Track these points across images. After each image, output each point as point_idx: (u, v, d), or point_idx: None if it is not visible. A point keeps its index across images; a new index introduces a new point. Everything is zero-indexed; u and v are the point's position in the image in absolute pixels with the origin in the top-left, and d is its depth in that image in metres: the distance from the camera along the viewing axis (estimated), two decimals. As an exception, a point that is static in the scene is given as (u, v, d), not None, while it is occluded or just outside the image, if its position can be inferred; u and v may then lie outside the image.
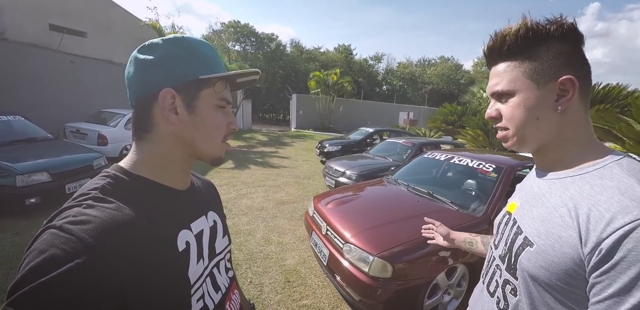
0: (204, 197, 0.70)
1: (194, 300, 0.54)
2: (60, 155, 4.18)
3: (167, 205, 0.56)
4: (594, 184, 0.53)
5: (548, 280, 0.54)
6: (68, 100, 8.79)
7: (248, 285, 2.49)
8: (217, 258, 0.66)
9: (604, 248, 0.46)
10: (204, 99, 0.56)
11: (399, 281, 1.91)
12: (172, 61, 0.54)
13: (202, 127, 0.56)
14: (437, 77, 33.41)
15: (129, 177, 0.53)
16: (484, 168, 2.85)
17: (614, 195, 0.49)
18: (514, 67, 0.61)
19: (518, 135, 0.63)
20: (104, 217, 0.44)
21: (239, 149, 10.16)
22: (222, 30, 28.63)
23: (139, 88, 0.54)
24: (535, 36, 0.58)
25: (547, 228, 0.56)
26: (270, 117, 31.63)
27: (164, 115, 0.53)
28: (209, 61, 0.57)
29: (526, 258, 0.59)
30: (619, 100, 5.53)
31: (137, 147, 0.57)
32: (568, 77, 0.56)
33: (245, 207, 4.38)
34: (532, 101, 0.59)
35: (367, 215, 2.52)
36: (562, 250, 0.52)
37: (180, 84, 0.54)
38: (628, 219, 0.45)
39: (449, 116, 13.51)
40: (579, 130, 0.60)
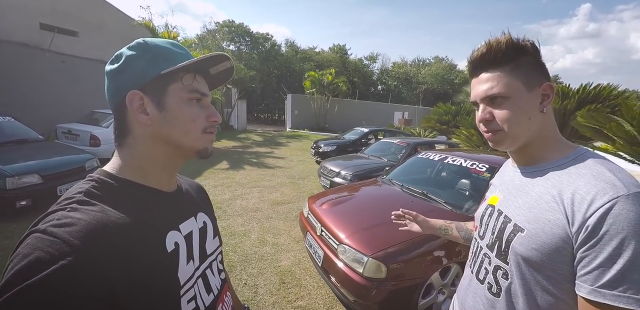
0: (192, 199, 0.70)
1: (184, 301, 0.54)
2: (52, 156, 4.12)
3: (154, 206, 0.56)
4: (571, 173, 0.63)
5: (540, 260, 0.62)
6: (59, 100, 8.67)
7: (243, 287, 2.48)
8: (208, 259, 0.67)
9: (589, 225, 0.54)
10: (172, 94, 0.55)
11: (394, 281, 1.91)
12: (132, 64, 0.54)
13: (175, 122, 0.55)
14: (431, 77, 33.57)
15: (113, 180, 0.54)
16: (477, 168, 2.87)
17: (590, 180, 0.59)
18: (507, 73, 0.68)
19: (512, 134, 0.69)
20: (89, 219, 0.44)
21: (233, 150, 10.12)
22: (217, 30, 28.43)
23: (113, 97, 0.56)
24: (518, 48, 0.67)
25: (535, 214, 0.64)
26: (265, 117, 31.54)
27: (134, 117, 0.54)
28: (171, 56, 0.56)
29: (518, 243, 0.66)
30: (610, 100, 5.61)
31: (119, 152, 0.58)
32: (548, 83, 0.68)
33: (240, 208, 4.36)
34: (525, 103, 0.67)
35: (361, 215, 2.52)
36: (552, 231, 0.60)
37: (144, 83, 0.54)
38: (606, 199, 0.54)
39: (443, 116, 13.59)
40: (552, 129, 0.71)
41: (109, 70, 0.56)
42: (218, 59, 0.58)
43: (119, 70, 0.54)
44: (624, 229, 0.51)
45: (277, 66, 28.35)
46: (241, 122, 17.69)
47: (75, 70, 9.19)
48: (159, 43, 0.57)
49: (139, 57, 0.54)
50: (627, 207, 0.52)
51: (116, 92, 0.55)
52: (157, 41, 0.57)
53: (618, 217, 0.52)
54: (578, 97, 5.87)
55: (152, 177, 0.58)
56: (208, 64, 0.59)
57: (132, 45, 0.56)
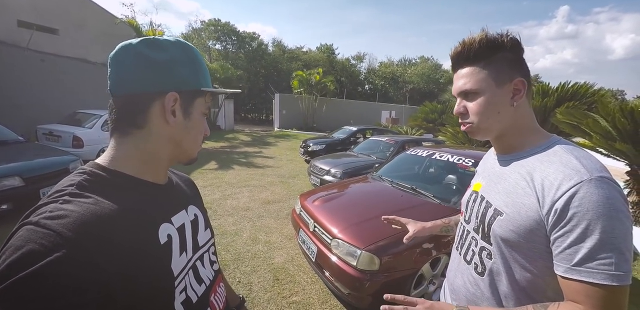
0: (183, 192, 0.72)
1: (177, 291, 0.55)
2: (33, 158, 3.99)
3: (147, 199, 0.57)
4: (543, 160, 0.69)
5: (516, 240, 0.68)
6: (39, 100, 8.38)
7: (237, 285, 2.49)
8: (200, 251, 0.68)
9: (557, 208, 0.60)
10: (197, 106, 0.61)
11: (386, 273, 1.96)
12: (180, 67, 0.57)
13: (192, 131, 0.61)
14: (417, 76, 34.04)
15: (106, 172, 0.54)
16: (464, 163, 2.96)
17: (558, 167, 0.64)
18: (479, 70, 0.73)
19: (483, 127, 0.76)
20: (82, 211, 0.44)
21: (221, 150, 10.01)
22: (202, 29, 28.04)
23: (139, 83, 0.54)
24: (493, 45, 0.71)
25: (512, 199, 0.70)
26: (253, 117, 31.26)
27: (162, 115, 0.56)
28: (205, 73, 0.63)
29: (498, 225, 0.72)
30: (587, 98, 5.87)
31: (118, 142, 0.56)
32: (520, 79, 0.72)
33: (230, 208, 4.34)
34: (495, 98, 0.73)
35: (353, 210, 2.57)
36: (527, 214, 0.66)
37: (182, 89, 0.57)
38: (571, 183, 0.60)
39: (429, 114, 13.85)
40: (527, 119, 0.75)
41: (147, 56, 0.54)
42: (234, 91, 0.71)
43: (163, 63, 0.55)
44: (589, 211, 0.56)
45: (264, 66, 28.17)
46: (228, 122, 17.49)
47: (56, 69, 8.91)
48: (200, 56, 0.62)
49: (185, 62, 0.58)
50: (591, 191, 0.57)
51: (147, 81, 0.54)
52: (198, 53, 0.62)
53: (582, 200, 0.57)
54: (557, 95, 6.11)
55: (149, 171, 0.59)
56: (225, 92, 0.69)
57: (179, 45, 0.58)
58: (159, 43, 0.56)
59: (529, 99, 0.75)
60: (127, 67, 0.54)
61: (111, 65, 0.55)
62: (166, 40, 0.57)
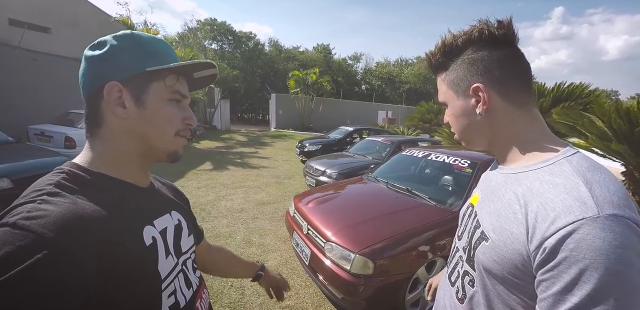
0: (166, 197, 0.70)
1: (165, 295, 0.54)
2: (23, 159, 3.91)
3: (128, 200, 0.54)
4: (544, 181, 0.54)
5: (500, 273, 0.56)
6: (31, 100, 8.25)
7: (229, 289, 2.43)
8: (184, 256, 0.66)
9: (547, 247, 0.47)
10: (153, 92, 0.55)
11: (381, 277, 1.92)
12: (118, 55, 0.53)
13: (153, 121, 0.55)
14: (414, 76, 34.15)
15: (85, 172, 0.52)
16: (460, 164, 2.93)
17: (560, 193, 0.50)
18: (441, 81, 0.67)
19: (462, 139, 0.69)
20: (62, 211, 0.42)
21: (217, 150, 9.95)
22: (198, 28, 27.92)
23: (88, 84, 0.54)
24: (450, 51, 0.63)
25: (501, 223, 0.57)
26: (249, 117, 31.20)
27: (110, 108, 0.53)
28: (159, 54, 0.56)
29: (482, 252, 0.60)
30: (582, 98, 5.89)
31: (90, 144, 0.56)
32: (476, 85, 0.60)
33: (224, 209, 4.28)
34: (457, 110, 0.65)
35: (347, 213, 2.53)
36: (512, 246, 0.53)
37: (126, 77, 0.53)
38: (570, 219, 0.46)
39: (425, 114, 13.87)
40: (517, 126, 0.61)
41: (89, 56, 0.54)
42: (204, 65, 0.59)
43: (101, 57, 0.53)
44: (585, 258, 0.43)
45: (261, 65, 28.13)
46: (224, 122, 17.42)
47: (48, 68, 8.77)
48: (149, 39, 0.57)
49: (126, 48, 0.53)
50: (593, 233, 0.44)
51: (93, 80, 0.53)
52: (146, 37, 0.57)
53: (580, 242, 0.44)
54: (553, 95, 6.13)
55: (126, 171, 0.57)
56: (193, 68, 0.59)
57: (120, 35, 0.55)
58: (99, 41, 0.55)
59: (515, 101, 0.61)
60: (80, 72, 0.55)
61: (80, 78, 0.56)
62: (107, 37, 0.55)
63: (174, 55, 0.60)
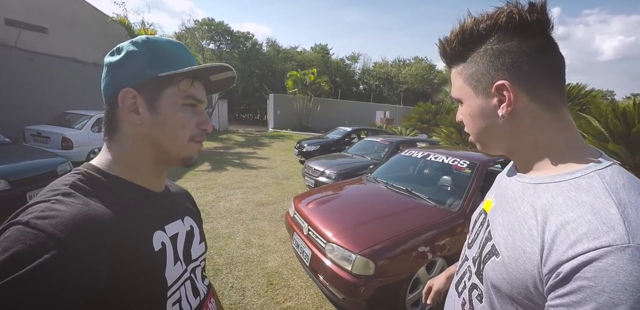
0: (180, 202, 0.70)
1: (169, 303, 0.53)
2: (20, 160, 3.88)
3: (141, 204, 0.55)
4: (568, 196, 0.46)
5: (510, 293, 0.50)
6: (27, 101, 8.20)
7: (230, 290, 2.43)
8: (193, 264, 0.65)
9: (562, 272, 0.41)
10: (167, 98, 0.55)
11: (382, 278, 1.93)
12: (132, 60, 0.53)
13: (166, 126, 0.55)
14: (411, 77, 34.24)
15: (101, 174, 0.52)
16: (459, 164, 2.94)
17: (586, 213, 0.43)
18: (457, 73, 0.57)
19: (478, 141, 0.61)
20: (74, 212, 0.42)
21: (215, 150, 9.92)
22: (196, 28, 27.79)
23: (107, 91, 0.55)
24: (471, 39, 0.53)
25: (514, 239, 0.51)
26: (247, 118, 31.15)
27: (124, 114, 0.53)
28: (173, 59, 0.56)
29: (491, 268, 0.55)
30: (579, 99, 5.94)
31: (108, 147, 0.57)
32: (501, 82, 0.50)
33: (223, 210, 4.28)
34: (475, 110, 0.56)
35: (348, 214, 2.53)
36: (524, 266, 0.47)
37: (140, 82, 0.53)
38: (593, 245, 0.39)
39: (423, 115, 13.91)
40: (546, 132, 0.52)
41: (107, 62, 0.55)
42: (220, 69, 0.58)
43: (117, 64, 0.54)
44: (604, 292, 0.37)
45: (259, 66, 28.10)
46: (222, 123, 17.37)
47: (45, 68, 8.73)
48: (163, 43, 0.57)
49: (140, 54, 0.54)
50: (619, 264, 0.37)
51: (111, 86, 0.54)
52: (161, 41, 0.57)
53: (602, 273, 0.38)
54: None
55: (140, 175, 0.57)
56: (208, 72, 0.58)
57: (136, 41, 0.56)
58: (118, 47, 0.56)
59: (545, 102, 0.51)
60: (102, 78, 0.56)
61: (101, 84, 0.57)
62: (127, 42, 0.56)
63: (190, 59, 0.59)
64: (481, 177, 2.70)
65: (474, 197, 2.54)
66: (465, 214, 2.42)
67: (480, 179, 2.69)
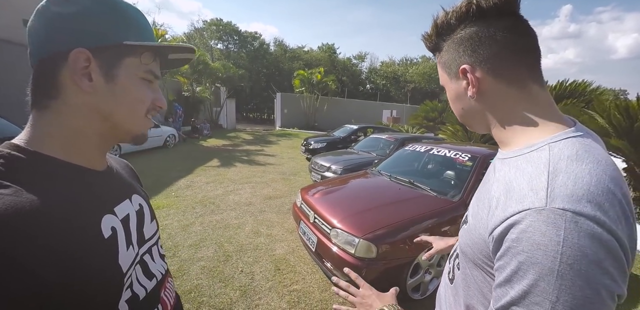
0: (125, 180, 0.63)
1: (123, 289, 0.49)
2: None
3: (83, 187, 0.48)
4: (519, 168, 0.50)
5: (473, 257, 0.55)
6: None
7: (239, 274, 2.58)
8: (147, 244, 0.61)
9: (494, 235, 0.46)
10: (126, 68, 0.49)
11: (383, 261, 2.05)
12: (91, 18, 0.46)
13: (123, 99, 0.49)
14: (418, 75, 34.08)
15: (26, 155, 0.43)
16: (460, 157, 3.04)
17: (523, 182, 0.47)
18: (438, 63, 0.63)
19: (463, 122, 0.66)
20: (2, 206, 0.36)
21: (223, 148, 10.13)
22: (204, 28, 28.22)
23: (45, 45, 0.45)
24: (441, 30, 0.58)
25: (478, 208, 0.56)
26: (254, 116, 31.42)
27: (74, 79, 0.45)
28: (138, 26, 0.50)
29: (461, 235, 0.62)
30: (584, 96, 5.95)
31: (37, 119, 0.47)
32: (463, 67, 0.55)
33: (233, 203, 4.43)
34: (452, 94, 0.61)
35: (352, 202, 2.65)
36: (479, 231, 0.52)
37: (98, 46, 0.46)
38: (518, 208, 0.43)
39: (430, 113, 13.88)
40: (514, 109, 0.55)
41: (51, 11, 0.45)
42: (185, 50, 0.55)
43: (70, 16, 0.45)
44: (524, 251, 0.41)
45: (266, 65, 28.33)
46: (230, 121, 17.62)
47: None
48: (129, 9, 0.50)
49: (102, 13, 0.46)
50: (535, 226, 0.41)
51: (52, 41, 0.45)
52: (126, 4, 0.50)
53: (521, 234, 0.42)
54: (555, 92, 6.18)
55: (79, 152, 0.49)
56: (172, 50, 0.55)
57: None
58: None
59: (510, 80, 0.54)
60: (35, 32, 0.46)
61: (27, 37, 0.47)
62: None
63: (152, 32, 0.55)
64: (482, 170, 2.79)
65: (474, 188, 2.63)
66: (466, 204, 2.51)
67: (481, 171, 2.77)
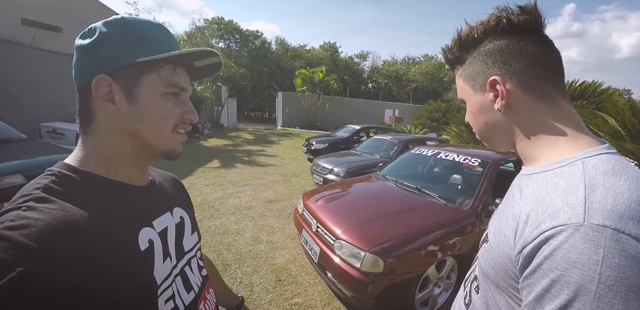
0: (167, 193, 0.66)
1: (161, 301, 0.51)
2: (36, 156, 3.98)
3: (123, 202, 0.51)
4: (550, 183, 0.48)
5: (495, 279, 0.52)
6: (43, 98, 8.40)
7: (238, 286, 2.46)
8: (187, 256, 0.63)
9: (525, 252, 0.44)
10: (146, 85, 0.50)
11: (391, 276, 1.92)
12: (106, 44, 0.48)
13: (146, 117, 0.51)
14: (421, 75, 33.88)
15: (76, 174, 0.48)
16: (470, 163, 2.90)
17: (557, 197, 0.44)
18: (458, 76, 0.62)
19: (483, 138, 0.63)
20: (48, 219, 0.39)
21: (224, 148, 10.01)
22: (206, 27, 28.03)
23: (78, 78, 0.50)
24: (467, 43, 0.58)
25: (500, 225, 0.54)
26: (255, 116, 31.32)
27: (99, 105, 0.49)
28: (152, 42, 0.51)
29: (481, 254, 0.58)
30: (595, 97, 5.78)
31: (83, 142, 0.52)
32: (493, 78, 0.54)
33: (232, 207, 4.31)
34: (475, 107, 0.60)
35: (357, 211, 2.52)
36: (503, 249, 0.50)
37: (115, 69, 0.48)
38: (552, 224, 0.41)
39: (433, 113, 13.74)
40: (543, 124, 0.54)
41: (78, 45, 0.49)
42: (204, 54, 0.54)
43: (89, 47, 0.48)
44: (557, 269, 0.39)
45: (268, 64, 28.21)
46: (231, 121, 17.51)
47: (60, 67, 8.90)
48: (141, 25, 0.51)
49: (114, 37, 0.48)
50: (572, 242, 0.39)
51: (83, 73, 0.49)
52: (139, 22, 0.51)
53: (556, 251, 0.40)
54: (564, 93, 6.01)
55: (120, 170, 0.53)
56: (193, 57, 0.54)
57: (109, 21, 0.49)
58: (91, 29, 0.50)
59: (540, 94, 0.53)
60: (74, 65, 0.50)
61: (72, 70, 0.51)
62: (100, 23, 0.50)
63: (172, 42, 0.54)
64: (493, 176, 2.66)
65: (485, 196, 2.50)
66: (477, 212, 2.38)
67: (492, 178, 2.64)
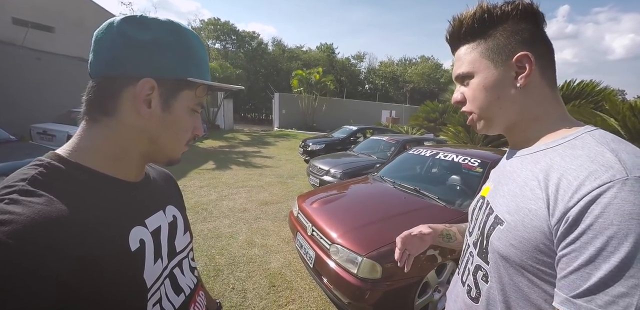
0: (161, 190, 0.64)
1: (150, 305, 0.49)
2: (24, 158, 3.86)
3: (116, 199, 0.49)
4: (565, 155, 0.50)
5: (519, 260, 0.51)
6: (34, 99, 8.25)
7: (230, 292, 2.36)
8: (178, 257, 0.61)
9: (570, 216, 0.43)
10: (182, 100, 0.52)
11: (389, 281, 1.83)
12: (164, 50, 0.48)
13: (172, 127, 0.52)
14: (418, 76, 33.95)
15: (66, 165, 0.45)
16: (469, 163, 2.83)
17: (584, 163, 0.46)
18: (472, 49, 0.60)
19: (483, 116, 0.62)
20: (31, 215, 0.36)
21: (220, 150, 9.90)
22: (202, 28, 27.95)
23: (113, 64, 0.47)
24: (490, 18, 0.57)
25: (517, 203, 0.53)
26: (252, 117, 31.18)
27: (134, 104, 0.47)
28: (200, 62, 0.54)
29: (496, 237, 0.56)
30: (593, 97, 5.75)
31: (86, 130, 0.49)
32: (524, 53, 0.55)
33: (226, 209, 4.21)
34: (490, 80, 0.58)
35: (353, 214, 2.43)
36: (532, 224, 0.49)
37: (163, 77, 0.49)
38: (596, 184, 0.42)
39: (430, 114, 13.71)
40: (546, 107, 0.58)
41: (127, 34, 0.46)
42: (237, 89, 0.61)
43: (143, 44, 0.47)
44: (613, 224, 0.39)
45: (264, 65, 28.14)
46: (228, 122, 17.39)
47: (52, 67, 8.78)
48: (194, 41, 0.53)
49: (173, 45, 0.49)
50: (622, 196, 0.39)
51: (123, 63, 0.47)
52: (191, 36, 0.52)
53: (608, 207, 0.39)
54: (562, 93, 5.99)
55: (118, 167, 0.51)
56: (224, 89, 0.59)
57: (166, 24, 0.49)
58: (144, 21, 0.48)
59: (549, 82, 0.58)
60: (105, 47, 0.47)
61: (93, 44, 0.48)
62: (154, 19, 0.49)
63: (207, 63, 0.57)
64: (493, 177, 2.59)
65: (485, 197, 2.43)
66: (477, 214, 2.31)
67: (492, 179, 2.57)
